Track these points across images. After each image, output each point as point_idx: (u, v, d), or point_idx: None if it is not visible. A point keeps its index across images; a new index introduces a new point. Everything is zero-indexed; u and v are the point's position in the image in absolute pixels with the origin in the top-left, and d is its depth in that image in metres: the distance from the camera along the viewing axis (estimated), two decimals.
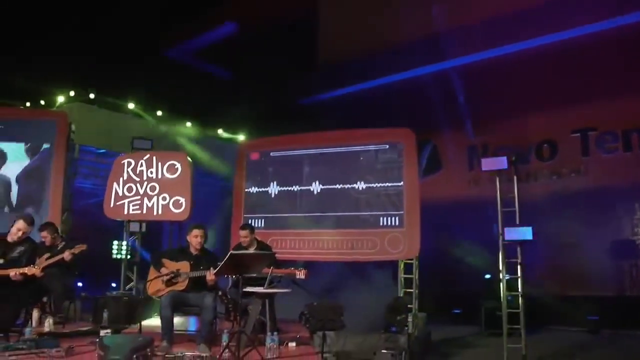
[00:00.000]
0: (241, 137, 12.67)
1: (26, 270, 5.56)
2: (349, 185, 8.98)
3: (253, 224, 8.84)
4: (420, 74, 12.21)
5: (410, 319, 8.06)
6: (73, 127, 9.62)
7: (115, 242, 9.71)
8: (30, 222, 6.06)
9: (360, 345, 7.63)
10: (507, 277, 7.33)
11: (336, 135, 9.32)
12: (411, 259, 8.37)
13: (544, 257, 9.77)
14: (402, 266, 8.39)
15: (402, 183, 8.59)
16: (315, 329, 6.82)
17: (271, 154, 9.63)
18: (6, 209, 9.01)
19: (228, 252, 5.47)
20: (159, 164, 8.93)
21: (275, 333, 5.67)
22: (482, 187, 11.18)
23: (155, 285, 5.98)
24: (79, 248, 6.74)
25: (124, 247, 9.43)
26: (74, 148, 10.69)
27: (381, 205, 8.70)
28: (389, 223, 8.58)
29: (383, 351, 7.13)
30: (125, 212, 8.89)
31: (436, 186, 11.98)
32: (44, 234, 7.21)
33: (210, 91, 13.53)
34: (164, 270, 5.96)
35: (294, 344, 6.27)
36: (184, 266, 5.97)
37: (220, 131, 12.74)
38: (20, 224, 5.97)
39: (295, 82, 13.46)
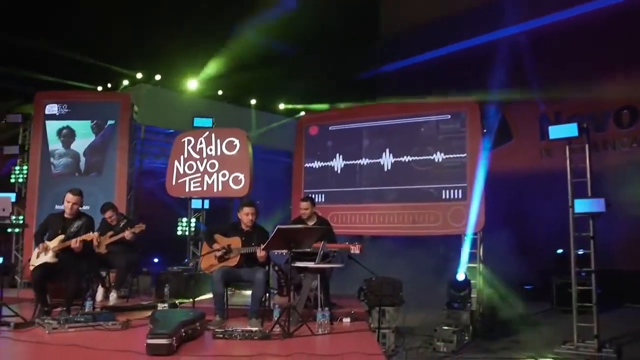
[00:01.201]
0: (303, 113, 12.57)
1: (85, 236, 5.73)
2: (409, 158, 8.70)
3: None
4: (486, 41, 11.60)
5: (474, 295, 7.77)
6: (136, 107, 9.82)
7: (181, 220, 9.87)
8: (77, 193, 6.19)
9: (420, 322, 7.45)
10: (580, 252, 6.89)
11: (396, 107, 9.03)
12: (475, 233, 8.01)
13: (619, 231, 9.07)
14: (465, 240, 8.04)
15: (465, 154, 8.22)
16: (373, 305, 6.69)
17: (330, 128, 9.46)
18: (76, 174, 9.51)
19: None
20: (218, 141, 8.96)
21: (326, 309, 5.54)
22: (555, 158, 10.53)
23: (208, 261, 6.00)
24: (138, 228, 6.95)
25: (189, 224, 9.58)
26: (139, 129, 11.05)
27: (443, 177, 8.38)
28: (452, 196, 8.26)
29: (444, 327, 6.94)
30: (187, 189, 9.00)
31: (506, 158, 11.44)
32: (108, 214, 7.43)
33: (272, 67, 13.46)
34: (216, 246, 5.96)
35: (348, 319, 6.12)
36: (235, 242, 5.94)
37: (281, 106, 12.68)
38: (68, 196, 6.12)
39: (357, 55, 13.17)
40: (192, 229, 9.67)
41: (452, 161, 8.33)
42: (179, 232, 9.99)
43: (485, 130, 8.46)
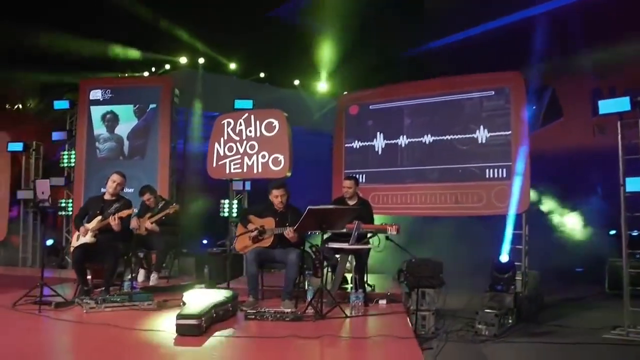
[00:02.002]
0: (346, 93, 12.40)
1: (122, 213, 5.84)
2: (452, 136, 8.43)
3: None
4: (534, 13, 11.06)
5: (518, 277, 7.50)
6: (177, 91, 9.89)
7: (223, 201, 9.92)
8: (123, 175, 6.36)
9: (461, 304, 7.25)
10: (635, 233, 6.53)
11: (437, 84, 8.73)
12: (520, 213, 7.72)
13: None
14: (510, 221, 7.76)
15: (510, 132, 7.89)
16: (413, 287, 6.54)
17: (370, 107, 9.28)
18: (120, 158, 9.76)
19: None
20: (257, 122, 8.93)
21: (360, 290, 5.45)
22: (607, 135, 10.00)
23: (242, 242, 5.99)
24: (172, 208, 7.02)
25: (230, 206, 9.62)
26: (182, 112, 11.17)
27: (487, 156, 8.07)
28: (496, 175, 7.96)
29: (486, 310, 6.71)
30: (227, 171, 9.04)
31: (556, 135, 10.96)
32: (146, 196, 7.52)
33: (314, 48, 13.32)
34: (250, 227, 5.95)
35: (384, 301, 6.02)
36: (269, 222, 5.91)
37: (322, 86, 12.54)
38: (114, 176, 6.29)
39: (401, 32, 12.83)
40: (234, 210, 9.70)
41: (496, 139, 8.01)
42: (223, 214, 10.06)
43: (534, 108, 8.11)
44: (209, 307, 4.67)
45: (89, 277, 6.27)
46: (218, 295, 5.20)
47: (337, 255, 6.15)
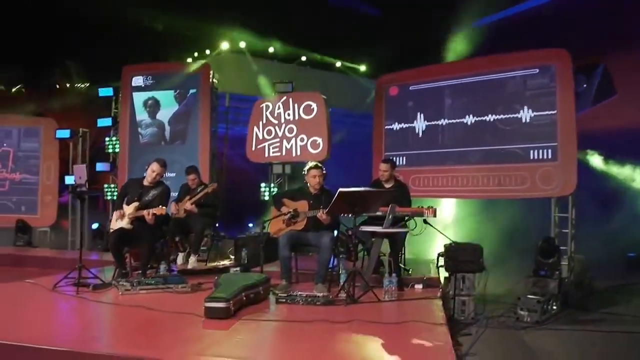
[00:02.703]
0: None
1: (155, 210, 5.85)
2: (495, 117, 8.13)
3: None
4: None
5: (564, 262, 7.22)
6: (217, 76, 9.94)
7: (263, 185, 9.95)
8: (163, 164, 6.37)
9: (503, 289, 7.04)
10: None
11: (479, 62, 8.43)
12: (566, 196, 7.41)
13: None
14: (555, 204, 7.46)
15: (555, 111, 7.54)
16: (453, 271, 6.39)
17: (410, 87, 9.06)
18: (162, 143, 9.95)
19: None
20: (296, 105, 8.89)
21: (394, 275, 5.33)
22: None
23: (276, 225, 5.96)
24: (211, 187, 7.11)
25: (269, 189, 9.63)
26: (224, 96, 11.23)
27: (532, 136, 7.75)
28: (541, 156, 7.65)
29: (529, 296, 6.49)
30: (266, 155, 9.06)
31: (609, 114, 10.41)
32: (192, 176, 7.53)
33: (356, 29, 13.11)
34: (283, 209, 5.91)
35: (420, 286, 5.89)
36: (302, 205, 5.85)
37: (363, 68, 12.34)
38: (154, 165, 6.31)
39: (443, 11, 12.44)
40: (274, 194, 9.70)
41: (540, 119, 7.68)
42: (263, 198, 10.08)
43: (585, 86, 7.73)
44: (238, 290, 4.66)
45: (127, 260, 6.39)
46: (249, 278, 5.19)
47: (372, 239, 6.04)
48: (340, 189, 5.04)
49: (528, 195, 7.82)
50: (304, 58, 12.60)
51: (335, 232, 6.00)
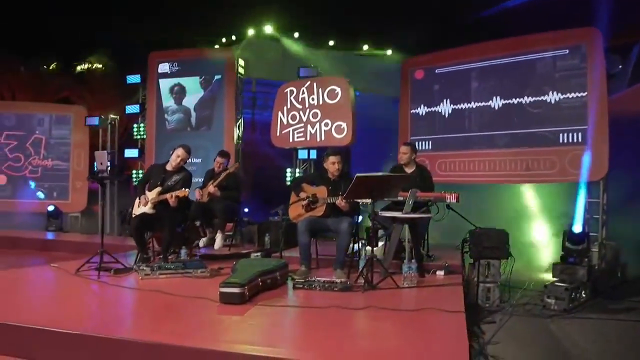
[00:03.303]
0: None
1: (178, 192, 5.89)
2: (523, 99, 7.91)
3: (420, 146, 8.46)
4: None
5: (594, 249, 7.01)
6: (241, 61, 9.91)
7: (288, 170, 9.92)
8: (188, 150, 6.41)
9: (528, 276, 6.87)
10: None
11: (507, 44, 8.17)
12: (597, 181, 7.17)
13: None
14: (583, 189, 7.23)
15: (586, 93, 7.30)
16: (477, 257, 6.27)
17: (436, 70, 8.88)
18: (188, 129, 10.01)
19: None
20: (320, 90, 8.80)
21: (413, 261, 5.24)
22: None
23: (295, 210, 5.92)
24: (234, 166, 7.20)
25: (293, 175, 9.59)
26: (250, 82, 11.20)
27: (561, 119, 7.53)
28: (571, 140, 7.42)
29: (556, 284, 6.32)
30: (290, 140, 9.01)
31: None
32: (221, 159, 7.43)
33: (383, 12, 12.88)
34: (302, 195, 5.86)
35: (442, 272, 5.78)
36: (321, 191, 5.79)
37: (389, 52, 12.13)
38: (179, 151, 6.36)
39: None
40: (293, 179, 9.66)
41: (570, 101, 7.44)
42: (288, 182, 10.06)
43: (620, 66, 7.45)
44: (254, 275, 4.64)
45: (150, 244, 6.46)
46: (267, 263, 5.17)
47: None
48: (358, 174, 4.96)
49: (557, 179, 7.62)
50: (331, 42, 12.44)
51: (360, 218, 5.93)
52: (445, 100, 8.73)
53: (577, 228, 6.88)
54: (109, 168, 6.47)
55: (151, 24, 11.89)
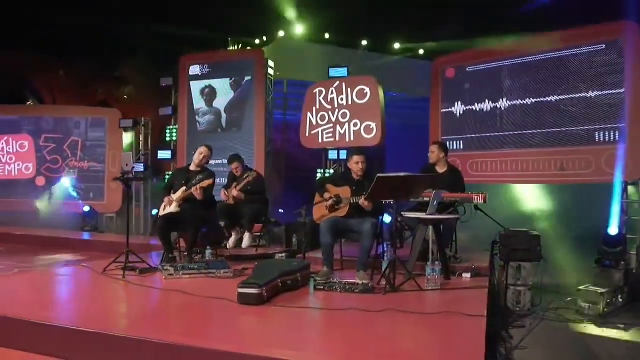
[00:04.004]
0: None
1: (203, 182, 5.99)
2: (556, 97, 7.67)
3: (451, 146, 8.30)
4: None
5: (633, 252, 6.73)
6: (271, 62, 9.93)
7: (319, 171, 9.87)
8: (210, 148, 6.60)
9: (561, 280, 6.64)
10: None
11: (540, 40, 7.92)
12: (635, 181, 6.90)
13: None
14: (618, 189, 6.96)
15: (623, 90, 7.01)
16: (508, 259, 6.10)
17: (467, 69, 8.69)
18: (219, 130, 10.10)
19: None
20: (349, 90, 8.73)
21: (437, 263, 5.12)
22: None
23: (319, 211, 5.87)
24: (251, 175, 7.16)
25: (324, 175, 9.53)
26: (282, 83, 11.24)
27: (597, 117, 7.26)
28: (607, 138, 7.16)
29: (590, 288, 6.10)
30: (320, 140, 8.97)
31: None
32: (234, 165, 7.59)
33: (417, 10, 12.73)
34: (326, 196, 5.81)
35: (468, 275, 5.64)
36: (344, 192, 5.73)
37: (421, 52, 11.97)
38: (202, 149, 6.57)
39: None
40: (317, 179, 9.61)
41: (607, 98, 7.16)
42: None
43: None
44: (274, 276, 4.61)
45: (177, 245, 6.52)
46: (288, 264, 5.14)
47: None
48: (379, 175, 4.87)
49: (592, 179, 7.34)
50: (364, 42, 12.38)
51: (387, 218, 5.84)
52: (476, 99, 8.54)
53: (613, 230, 6.62)
54: (134, 169, 6.56)
55: (185, 28, 12.03)
